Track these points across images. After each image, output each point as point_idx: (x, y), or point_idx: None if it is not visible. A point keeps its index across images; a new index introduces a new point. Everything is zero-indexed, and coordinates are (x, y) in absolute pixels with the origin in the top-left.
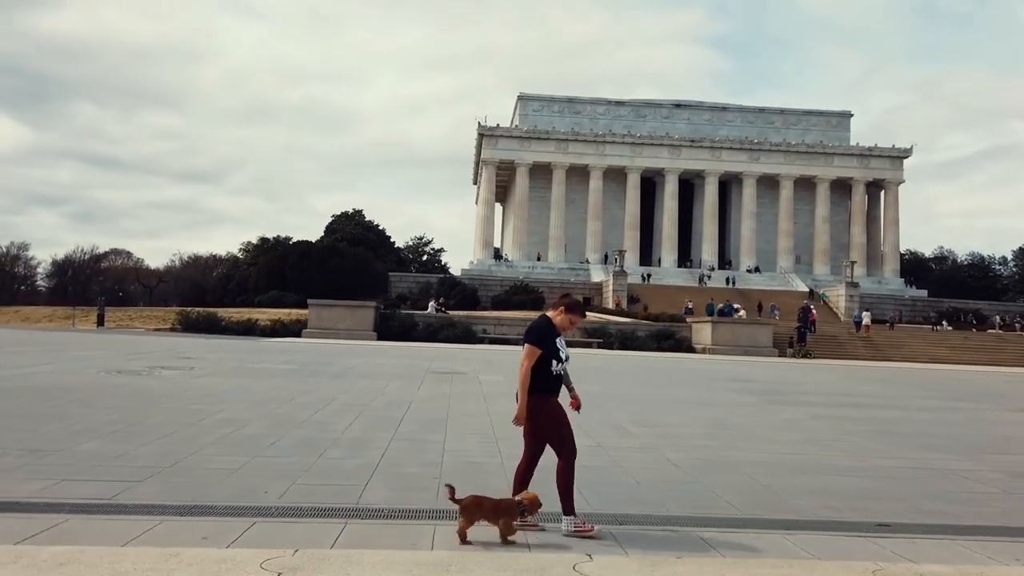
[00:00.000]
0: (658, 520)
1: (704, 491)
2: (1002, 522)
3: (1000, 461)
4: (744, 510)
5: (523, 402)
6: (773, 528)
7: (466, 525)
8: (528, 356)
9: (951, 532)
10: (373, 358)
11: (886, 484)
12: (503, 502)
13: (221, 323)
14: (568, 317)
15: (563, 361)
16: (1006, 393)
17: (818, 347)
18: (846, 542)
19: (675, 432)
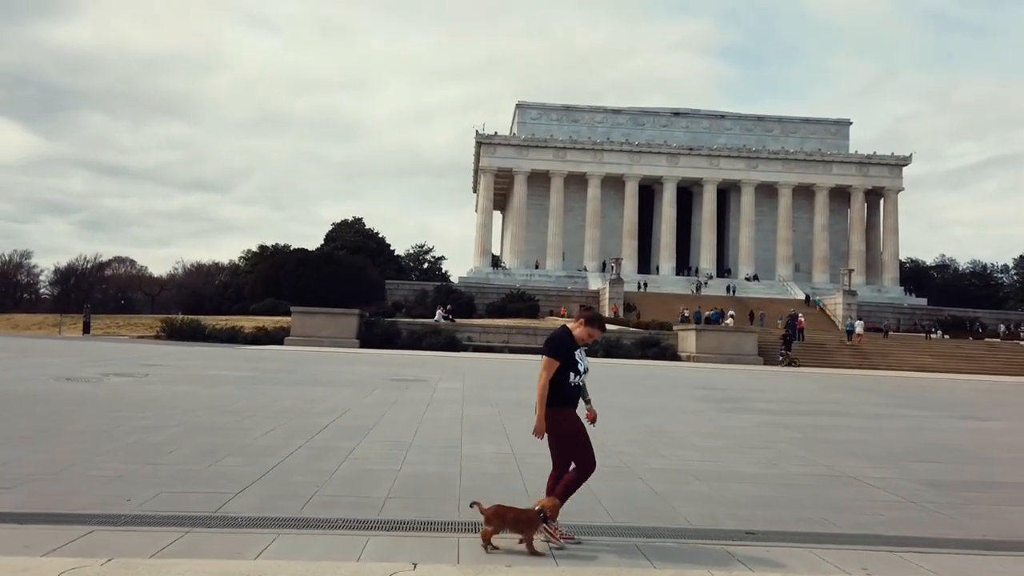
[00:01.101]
0: None
1: (588, 498)
2: (881, 531)
3: (918, 469)
4: (616, 518)
5: (541, 414)
6: (632, 535)
7: (490, 533)
8: (546, 368)
9: (819, 540)
10: (341, 365)
11: (785, 492)
12: (526, 512)
13: (205, 330)
14: (587, 330)
15: (581, 373)
16: (969, 401)
17: (806, 355)
18: (700, 549)
19: (600, 440)
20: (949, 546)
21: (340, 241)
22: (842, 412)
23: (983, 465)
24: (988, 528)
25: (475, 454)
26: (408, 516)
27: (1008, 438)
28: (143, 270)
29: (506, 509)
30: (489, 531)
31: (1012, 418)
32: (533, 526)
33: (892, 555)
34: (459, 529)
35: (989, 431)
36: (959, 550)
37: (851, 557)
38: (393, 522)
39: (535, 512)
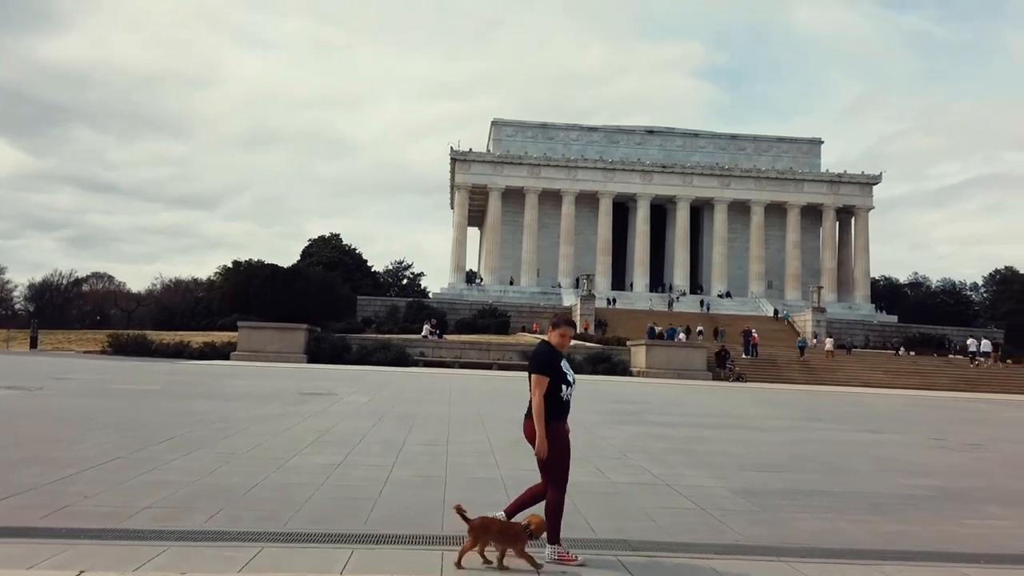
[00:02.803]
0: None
1: (347, 505)
2: (631, 536)
3: (753, 478)
4: (373, 525)
5: (542, 434)
6: (385, 543)
7: (470, 546)
8: (538, 385)
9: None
10: (262, 380)
11: (584, 500)
12: (511, 526)
13: (151, 346)
14: (559, 332)
15: (571, 384)
16: (886, 416)
17: (756, 370)
18: (417, 552)
19: (452, 450)
20: (690, 551)
21: (316, 257)
22: (738, 425)
23: (828, 475)
24: (756, 534)
25: (302, 465)
26: (155, 526)
27: (883, 450)
28: (121, 286)
29: (491, 520)
30: (473, 543)
31: (909, 432)
32: (519, 540)
33: (612, 558)
34: (232, 538)
35: (871, 443)
36: (694, 555)
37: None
38: (130, 532)
39: (521, 526)
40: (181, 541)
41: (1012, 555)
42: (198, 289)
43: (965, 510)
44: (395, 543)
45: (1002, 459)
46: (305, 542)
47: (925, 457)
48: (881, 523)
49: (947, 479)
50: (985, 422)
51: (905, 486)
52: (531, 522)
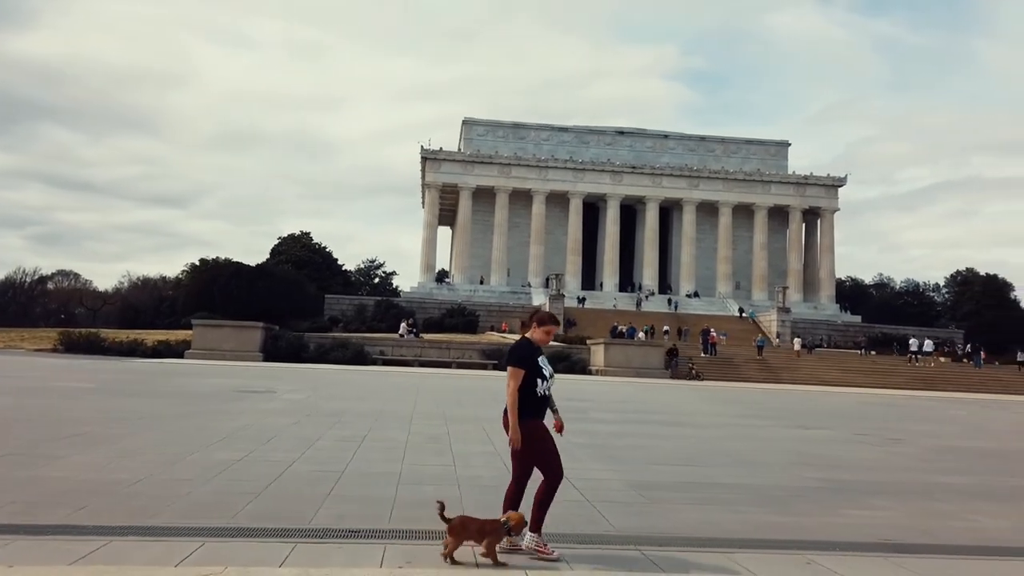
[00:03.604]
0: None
1: (222, 499)
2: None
3: (654, 471)
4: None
5: (514, 424)
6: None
7: (454, 545)
8: (512, 377)
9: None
10: (205, 378)
11: (456, 491)
12: (489, 523)
13: (103, 344)
14: (542, 329)
15: (547, 379)
16: (827, 412)
17: (714, 369)
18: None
19: (366, 446)
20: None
21: (285, 255)
22: (673, 422)
23: (736, 468)
24: (627, 525)
25: (199, 461)
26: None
27: (804, 445)
28: (87, 284)
29: (471, 519)
30: (454, 541)
31: (839, 428)
32: (497, 537)
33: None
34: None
35: (797, 439)
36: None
37: (389, 549)
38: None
39: (499, 523)
40: (28, 535)
41: (871, 543)
42: (166, 287)
43: (852, 501)
44: (249, 536)
45: (916, 454)
46: (158, 536)
47: (841, 452)
48: (761, 514)
49: (851, 472)
50: (922, 419)
51: (807, 479)
52: (510, 518)
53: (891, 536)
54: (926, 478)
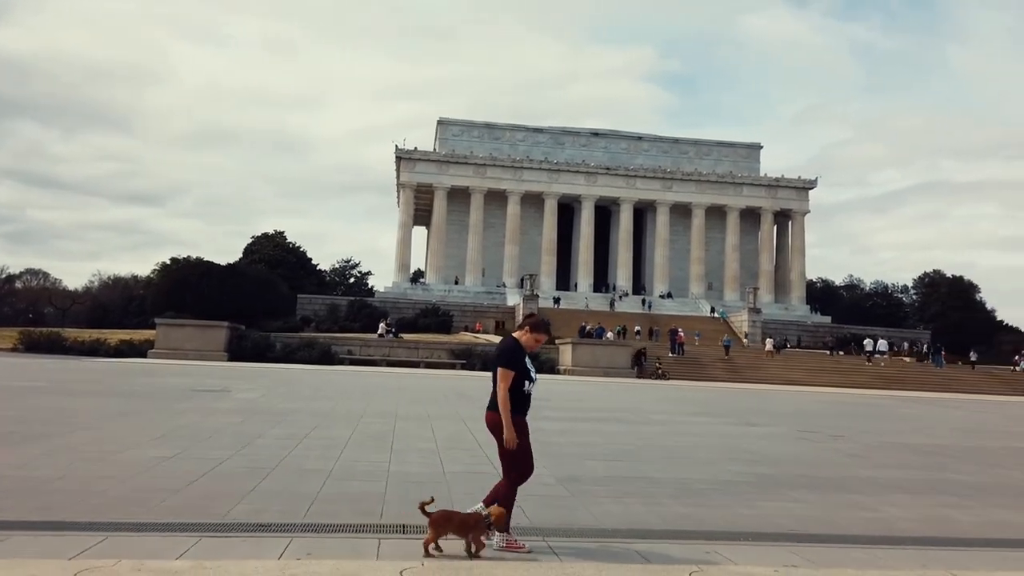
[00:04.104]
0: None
1: (141, 496)
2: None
3: (584, 466)
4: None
5: (508, 423)
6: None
7: (433, 537)
8: (503, 379)
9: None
10: (161, 378)
11: (395, 487)
12: (471, 516)
13: (65, 343)
14: (534, 336)
15: (533, 381)
16: (780, 411)
17: (681, 368)
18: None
19: (305, 443)
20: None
21: (258, 255)
22: (621, 419)
23: (666, 463)
24: (544, 517)
25: (130, 458)
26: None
27: (742, 442)
28: (56, 283)
29: (452, 513)
30: (434, 534)
31: (785, 425)
32: (479, 530)
33: (375, 540)
34: None
35: (738, 435)
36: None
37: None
38: None
39: (480, 516)
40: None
41: (775, 533)
42: (137, 286)
43: (770, 494)
44: (157, 530)
45: (852, 450)
46: (63, 531)
47: (777, 448)
48: (677, 506)
49: (779, 467)
50: (872, 417)
51: (733, 473)
52: (492, 512)
53: (797, 527)
54: (853, 472)
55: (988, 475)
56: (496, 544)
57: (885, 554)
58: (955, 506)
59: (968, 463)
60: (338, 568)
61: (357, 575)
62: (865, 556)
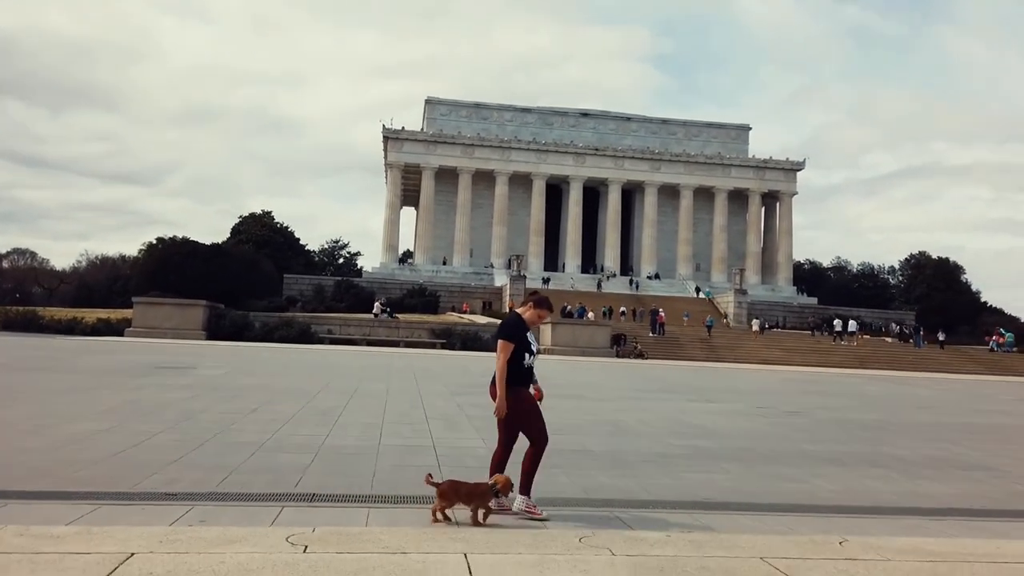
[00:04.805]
0: None
1: (61, 467)
2: (340, 491)
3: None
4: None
5: (502, 394)
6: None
7: (441, 507)
8: (503, 350)
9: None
10: (129, 355)
11: (324, 458)
12: (478, 486)
13: (41, 321)
14: (537, 312)
15: (533, 354)
16: (745, 389)
17: (659, 349)
18: None
19: (251, 418)
20: (371, 501)
21: (245, 235)
22: (581, 396)
23: (608, 437)
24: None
25: (66, 431)
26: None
27: (695, 417)
28: (44, 263)
29: (460, 484)
30: (441, 504)
31: (743, 402)
32: (485, 499)
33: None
34: None
35: (694, 411)
36: (368, 504)
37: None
38: None
39: (488, 486)
40: None
41: (688, 502)
42: (124, 266)
43: (700, 466)
44: (60, 499)
45: (802, 425)
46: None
47: (727, 423)
48: (603, 477)
49: (721, 440)
50: (833, 394)
51: (672, 446)
52: (498, 481)
53: (714, 496)
54: (794, 446)
55: (927, 449)
56: (516, 507)
57: (790, 520)
58: (882, 478)
59: (912, 438)
60: (223, 534)
61: (241, 540)
62: (767, 523)
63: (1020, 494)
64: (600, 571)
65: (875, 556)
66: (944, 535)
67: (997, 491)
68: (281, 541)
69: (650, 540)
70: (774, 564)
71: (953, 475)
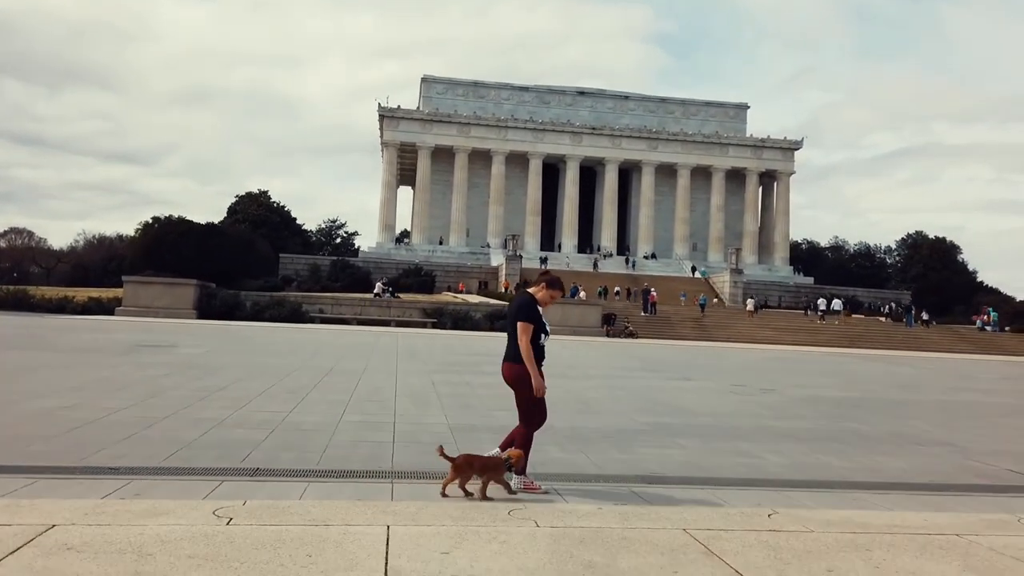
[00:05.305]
0: None
1: (17, 440)
2: (291, 465)
3: (486, 416)
4: None
5: (535, 373)
6: None
7: (452, 479)
8: (524, 332)
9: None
10: (112, 334)
11: (282, 435)
12: (491, 460)
13: (31, 300)
14: (549, 292)
15: (548, 335)
16: (725, 367)
17: (650, 328)
18: None
19: (219, 395)
20: (321, 476)
21: (242, 214)
22: (561, 375)
23: (574, 414)
24: (410, 462)
25: (27, 407)
26: None
27: (666, 395)
28: (41, 242)
29: (473, 457)
30: (455, 478)
31: (719, 380)
32: (498, 472)
33: (216, 481)
34: None
35: (668, 389)
36: (318, 479)
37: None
38: None
39: (501, 460)
40: None
41: (632, 476)
42: (121, 246)
43: (656, 442)
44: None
45: (772, 403)
46: None
47: (697, 400)
48: (555, 452)
49: (685, 417)
50: (813, 373)
51: (635, 423)
52: (511, 455)
53: (660, 470)
54: (757, 422)
55: (889, 425)
56: (514, 486)
57: (732, 494)
58: (837, 453)
59: (880, 415)
60: (152, 507)
61: (168, 513)
62: (708, 496)
63: (973, 469)
64: (519, 542)
65: (800, 528)
66: (881, 508)
67: (950, 466)
68: (208, 514)
69: (580, 512)
70: (694, 535)
71: (910, 450)
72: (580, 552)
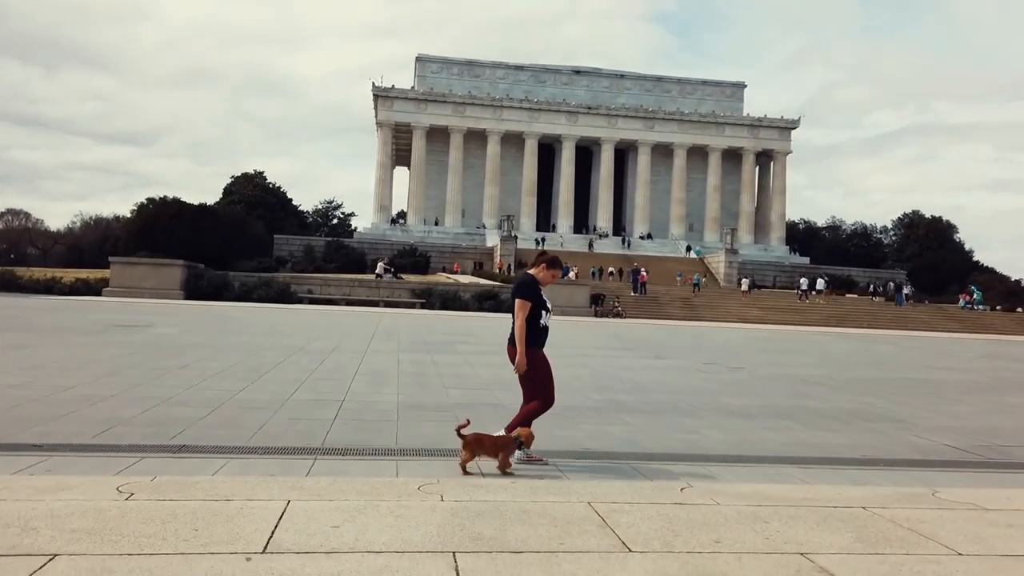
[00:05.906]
0: None
1: None
2: (229, 443)
3: (444, 395)
4: None
5: (521, 351)
6: None
7: (468, 458)
8: (521, 309)
9: None
10: (90, 314)
11: (228, 412)
12: (502, 438)
13: (19, 281)
14: (550, 272)
15: (549, 312)
16: (703, 346)
17: (639, 307)
18: None
19: (178, 374)
20: (251, 453)
21: (237, 195)
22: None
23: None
24: (349, 440)
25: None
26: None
27: (633, 373)
28: (38, 223)
29: (484, 436)
30: (467, 455)
31: (692, 358)
32: (509, 449)
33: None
34: None
35: (638, 367)
36: (245, 455)
37: None
38: None
39: (511, 438)
40: None
41: (572, 451)
42: (117, 227)
43: (604, 418)
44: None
45: (737, 381)
46: None
47: (661, 378)
48: (495, 428)
49: (642, 395)
50: (788, 351)
51: (588, 400)
52: (521, 434)
53: (596, 446)
54: (713, 400)
55: (846, 403)
56: (518, 458)
57: (657, 468)
58: (781, 429)
59: (841, 392)
60: (58, 483)
61: (71, 488)
62: (628, 469)
63: (913, 444)
64: (415, 516)
65: (708, 501)
66: (801, 482)
67: (892, 442)
68: (111, 489)
69: (490, 487)
70: (596, 508)
71: (857, 427)
72: (472, 525)
